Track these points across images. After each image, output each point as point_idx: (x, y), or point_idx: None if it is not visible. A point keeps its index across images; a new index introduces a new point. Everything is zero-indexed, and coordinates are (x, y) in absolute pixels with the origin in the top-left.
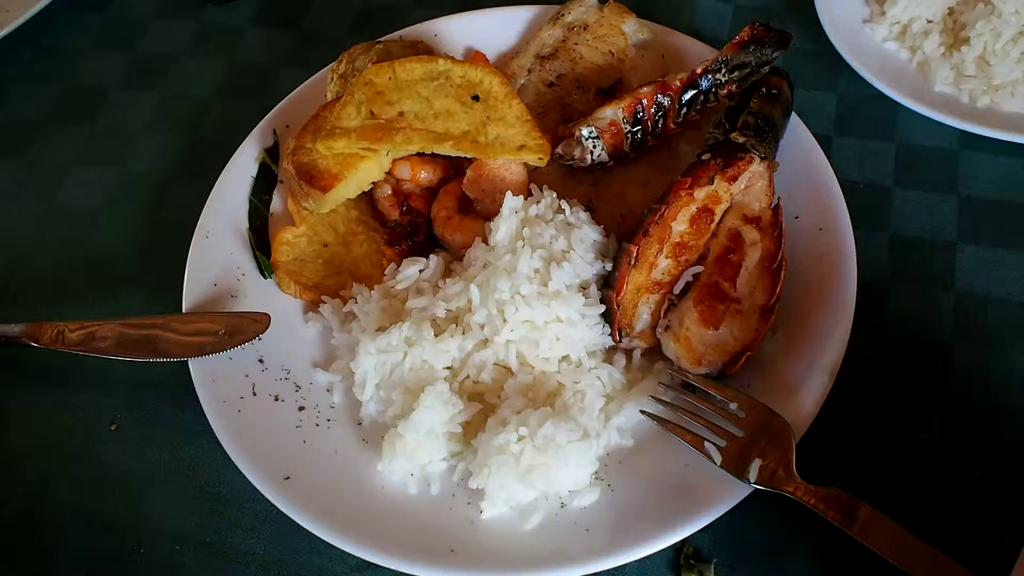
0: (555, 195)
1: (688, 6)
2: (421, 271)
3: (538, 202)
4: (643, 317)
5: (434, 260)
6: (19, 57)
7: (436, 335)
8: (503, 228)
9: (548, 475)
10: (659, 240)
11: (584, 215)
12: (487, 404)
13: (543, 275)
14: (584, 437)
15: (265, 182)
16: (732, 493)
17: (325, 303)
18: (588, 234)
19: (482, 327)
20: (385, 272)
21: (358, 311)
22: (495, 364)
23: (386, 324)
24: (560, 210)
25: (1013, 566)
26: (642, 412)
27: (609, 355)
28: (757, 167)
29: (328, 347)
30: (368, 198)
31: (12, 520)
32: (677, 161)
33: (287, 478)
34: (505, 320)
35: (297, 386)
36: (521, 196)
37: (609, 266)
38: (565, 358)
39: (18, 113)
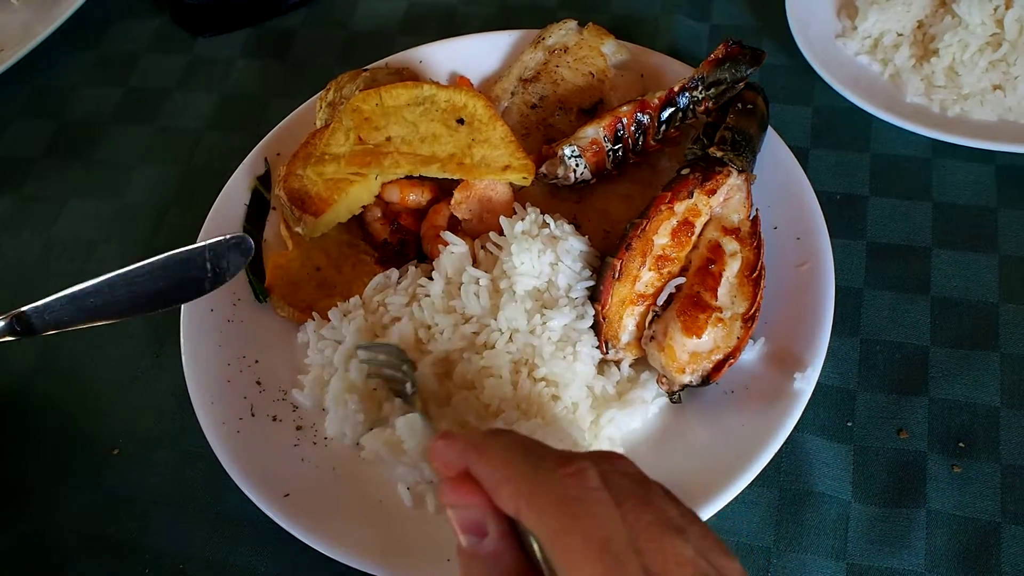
0: (539, 211)
1: (665, 26)
2: (398, 280)
3: (523, 219)
4: (628, 329)
5: (412, 271)
6: (15, 94)
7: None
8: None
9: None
10: (642, 253)
11: (568, 227)
12: (480, 414)
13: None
14: (574, 447)
15: (258, 209)
16: (719, 499)
17: (312, 321)
18: (574, 245)
19: (475, 335)
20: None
21: (335, 325)
22: (488, 375)
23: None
24: (545, 224)
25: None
26: None
27: (600, 367)
28: (735, 180)
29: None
30: (359, 221)
31: (19, 544)
32: (658, 177)
33: (287, 495)
34: (501, 332)
35: (294, 406)
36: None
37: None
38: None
39: (14, 149)
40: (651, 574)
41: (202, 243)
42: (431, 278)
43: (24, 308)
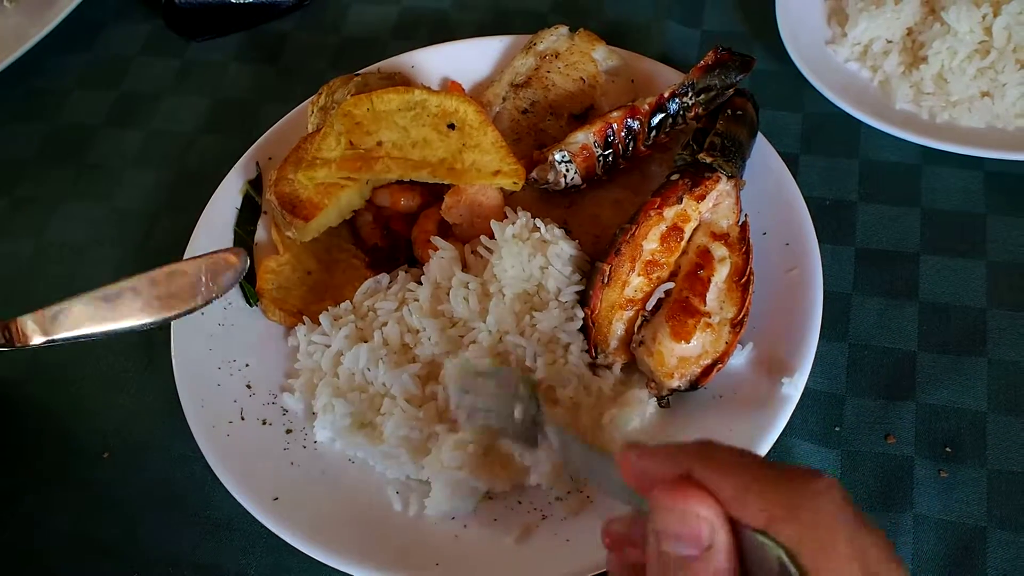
0: (529, 215)
1: (656, 32)
2: (388, 285)
3: (513, 223)
4: (617, 334)
5: (402, 276)
6: (7, 97)
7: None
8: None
9: (507, 465)
10: (631, 259)
11: (559, 231)
12: None
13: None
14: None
15: (249, 213)
16: None
17: (302, 325)
18: (564, 249)
19: (462, 338)
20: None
21: (325, 329)
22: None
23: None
24: (535, 228)
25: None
26: None
27: (591, 370)
28: (724, 186)
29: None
30: (350, 226)
31: (9, 547)
32: (648, 182)
33: (276, 499)
34: (489, 333)
35: (284, 410)
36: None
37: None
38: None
39: (6, 152)
40: None
41: (197, 256)
42: (421, 283)
43: (17, 318)
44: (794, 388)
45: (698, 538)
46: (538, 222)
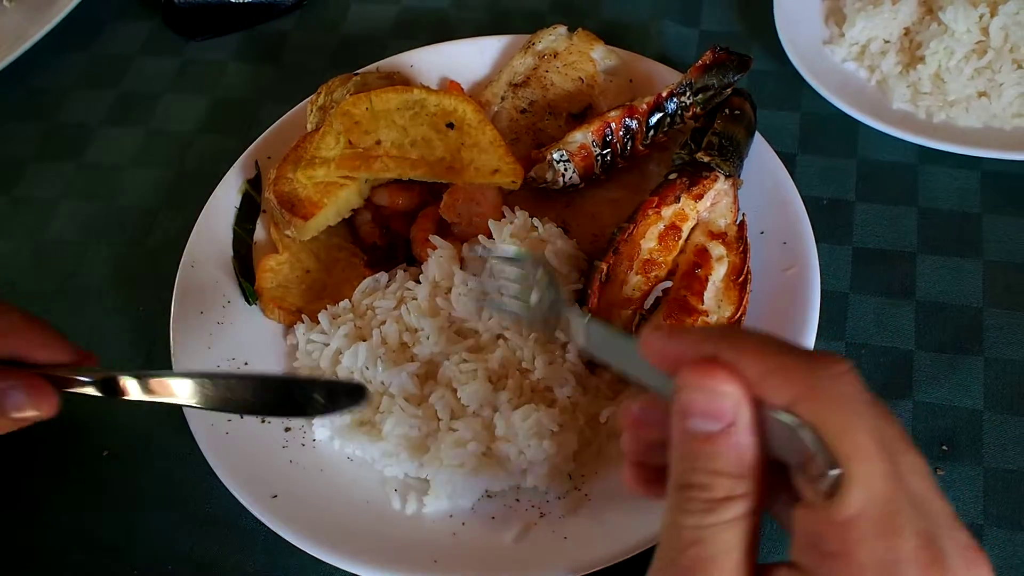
0: (527, 214)
1: (654, 32)
2: (387, 284)
3: (511, 222)
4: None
5: (400, 275)
6: (5, 97)
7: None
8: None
9: (504, 466)
10: (629, 257)
11: (556, 230)
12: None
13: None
14: (562, 432)
15: (248, 212)
16: None
17: (301, 324)
18: (562, 247)
19: (460, 337)
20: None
21: (324, 328)
22: (473, 377)
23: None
24: (533, 228)
25: None
26: None
27: (587, 370)
28: (722, 185)
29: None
30: (349, 225)
31: (8, 544)
32: (646, 181)
33: (275, 497)
34: (488, 333)
35: None
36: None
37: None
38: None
39: (5, 150)
40: (919, 473)
41: (317, 377)
42: (419, 281)
43: (119, 375)
44: None
45: (722, 413)
46: (536, 221)
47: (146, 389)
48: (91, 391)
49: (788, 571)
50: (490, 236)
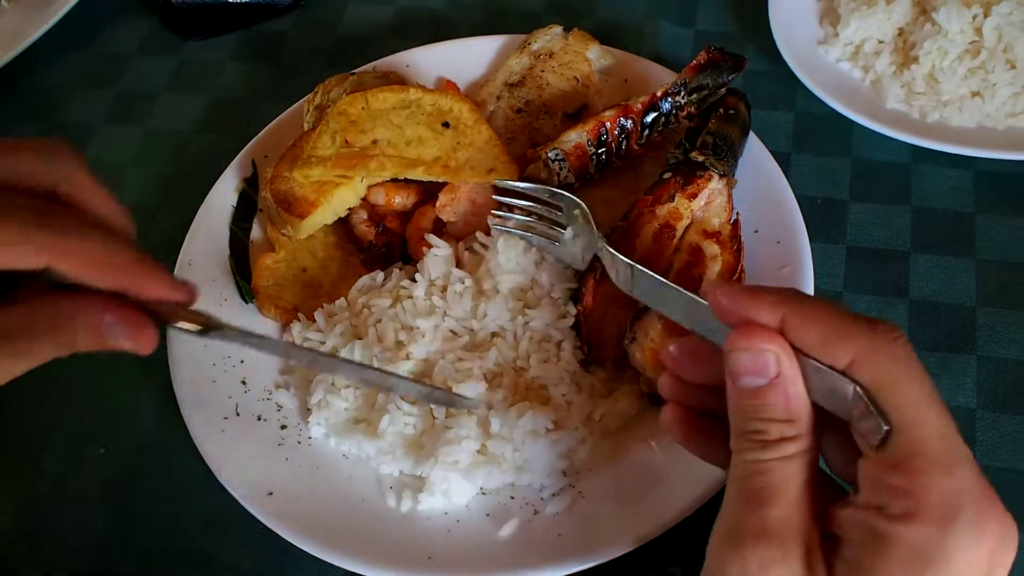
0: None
1: (650, 32)
2: (383, 282)
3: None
4: (609, 330)
5: (396, 273)
6: (4, 97)
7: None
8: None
9: (499, 464)
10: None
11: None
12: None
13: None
14: (557, 430)
15: (245, 211)
16: (699, 497)
17: (297, 322)
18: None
19: (456, 335)
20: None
21: (320, 327)
22: (468, 376)
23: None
24: None
25: None
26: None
27: (582, 368)
28: (716, 184)
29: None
30: (345, 224)
31: (3, 542)
32: (641, 181)
33: (270, 494)
34: (484, 331)
35: (279, 406)
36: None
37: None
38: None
39: None
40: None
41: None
42: (415, 280)
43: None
44: None
45: (766, 368)
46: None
47: (243, 338)
48: (189, 327)
49: (855, 508)
50: (487, 233)
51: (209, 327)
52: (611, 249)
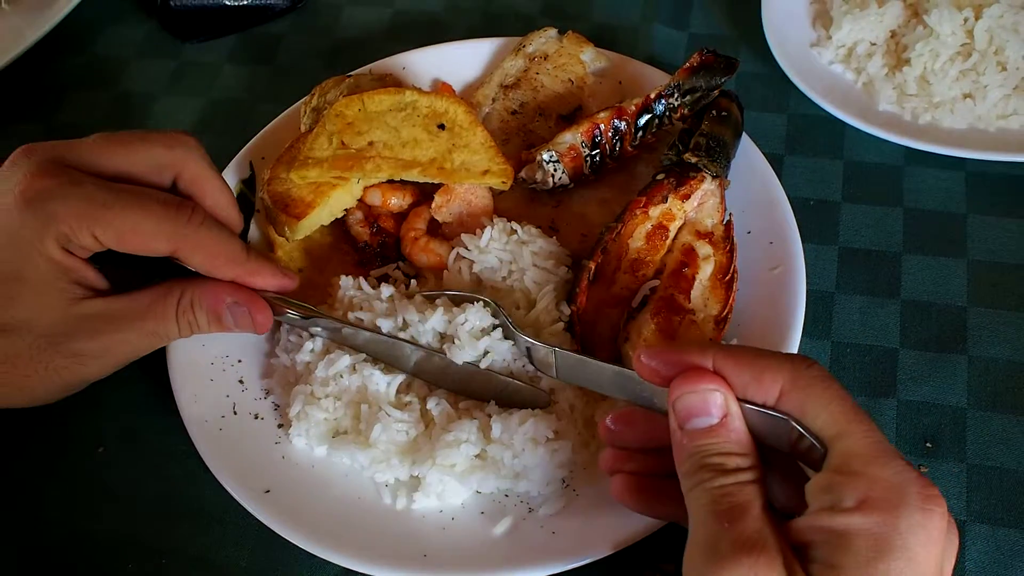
0: (505, 220)
1: (644, 35)
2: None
3: (491, 228)
4: (603, 331)
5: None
6: (3, 99)
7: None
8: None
9: (497, 470)
10: (617, 257)
11: (535, 231)
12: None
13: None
14: (558, 439)
15: (243, 211)
16: None
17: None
18: (543, 246)
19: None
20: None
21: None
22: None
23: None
24: (512, 232)
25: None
26: None
27: None
28: (709, 185)
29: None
30: (341, 224)
31: (6, 540)
32: (635, 182)
33: (267, 492)
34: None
35: (276, 405)
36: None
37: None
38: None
39: (3, 152)
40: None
41: None
42: (412, 278)
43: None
44: None
45: (717, 407)
46: (514, 225)
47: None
48: (293, 315)
49: (811, 516)
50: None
51: (309, 315)
52: (528, 338)
